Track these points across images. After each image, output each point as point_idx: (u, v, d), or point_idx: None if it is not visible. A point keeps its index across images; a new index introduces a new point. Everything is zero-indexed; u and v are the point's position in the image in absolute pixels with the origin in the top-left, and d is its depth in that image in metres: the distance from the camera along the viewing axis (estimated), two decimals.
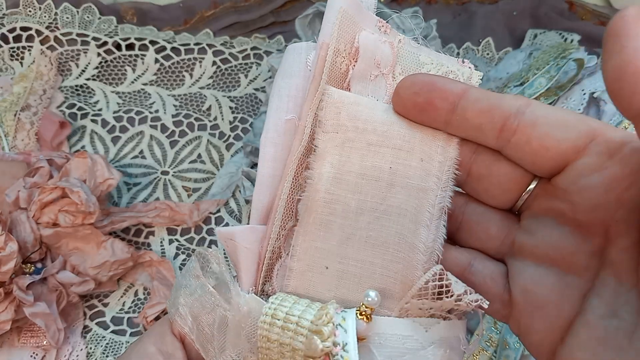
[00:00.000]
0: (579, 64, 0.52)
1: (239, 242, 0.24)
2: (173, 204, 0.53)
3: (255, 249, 0.24)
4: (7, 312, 0.42)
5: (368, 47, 0.25)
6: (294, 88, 0.24)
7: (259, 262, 0.24)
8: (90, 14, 0.60)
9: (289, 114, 0.24)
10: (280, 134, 0.24)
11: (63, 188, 0.45)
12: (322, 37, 0.24)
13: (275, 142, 0.24)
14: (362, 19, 0.25)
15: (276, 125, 0.24)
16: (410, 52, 0.27)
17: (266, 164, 0.25)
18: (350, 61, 0.25)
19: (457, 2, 0.64)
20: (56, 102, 0.57)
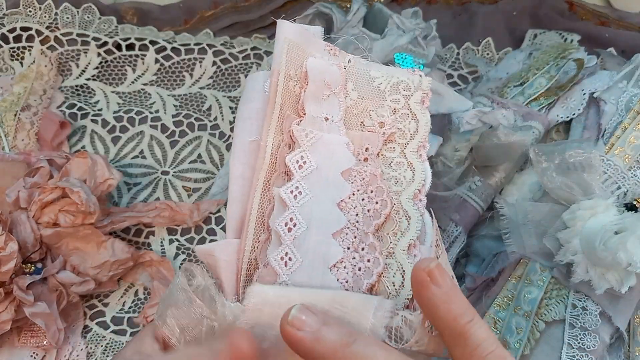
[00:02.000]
0: (578, 64, 0.52)
1: (218, 255, 0.26)
2: (173, 204, 0.53)
3: (234, 261, 0.27)
4: (7, 312, 0.42)
5: (316, 71, 0.27)
6: (254, 111, 0.27)
7: (237, 273, 0.27)
8: (91, 14, 0.60)
9: (252, 135, 0.27)
10: (246, 153, 0.27)
11: (63, 188, 0.45)
12: (273, 65, 0.27)
13: (243, 162, 0.27)
14: (309, 45, 0.28)
15: (242, 146, 0.27)
16: (361, 69, 0.29)
17: (236, 182, 0.27)
18: (302, 84, 0.27)
19: (457, 2, 0.64)
20: (56, 102, 0.57)
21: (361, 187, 0.28)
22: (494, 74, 0.57)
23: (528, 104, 0.52)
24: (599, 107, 0.51)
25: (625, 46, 0.59)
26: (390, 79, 0.29)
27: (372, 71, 0.29)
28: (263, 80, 0.28)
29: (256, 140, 0.27)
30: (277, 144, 0.27)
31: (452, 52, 0.62)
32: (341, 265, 0.27)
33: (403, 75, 0.30)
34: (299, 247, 0.27)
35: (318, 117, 0.28)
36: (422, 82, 0.30)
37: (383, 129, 0.29)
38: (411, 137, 0.30)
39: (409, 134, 0.30)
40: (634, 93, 0.51)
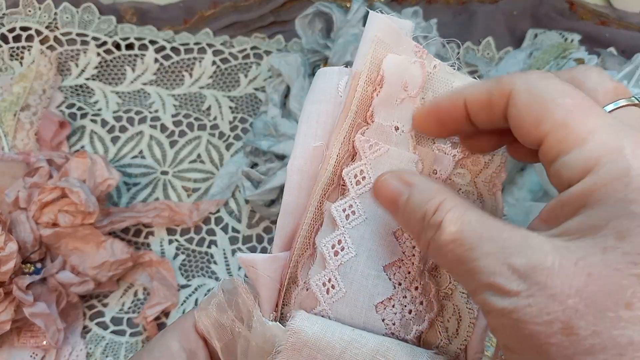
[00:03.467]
0: (579, 64, 0.52)
1: (261, 271, 0.24)
2: (173, 204, 0.53)
3: (277, 277, 0.25)
4: (6, 312, 0.42)
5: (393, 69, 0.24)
6: (323, 114, 0.24)
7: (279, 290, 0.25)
8: (90, 14, 0.59)
9: (317, 140, 0.24)
10: (307, 161, 0.24)
11: (63, 188, 0.44)
12: (355, 65, 0.23)
13: (302, 170, 0.24)
14: (397, 45, 0.24)
15: (304, 152, 0.24)
16: (444, 78, 0.25)
17: (292, 192, 0.24)
18: (376, 88, 0.24)
19: (458, 1, 0.64)
20: (56, 102, 0.57)
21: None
22: (495, 74, 0.56)
23: None
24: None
25: (625, 46, 0.59)
26: None
27: (455, 82, 0.25)
28: (337, 79, 0.24)
29: (320, 147, 0.24)
30: (343, 153, 0.24)
31: (452, 52, 0.61)
32: (389, 304, 0.24)
33: None
34: (344, 276, 0.24)
35: (387, 126, 0.24)
36: None
37: (455, 150, 0.25)
38: (485, 165, 0.26)
39: (483, 161, 0.26)
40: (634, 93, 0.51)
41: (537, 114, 0.20)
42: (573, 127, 0.19)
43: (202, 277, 0.52)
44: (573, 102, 0.19)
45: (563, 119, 0.19)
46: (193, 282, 0.52)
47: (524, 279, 0.18)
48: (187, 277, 0.52)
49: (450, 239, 0.20)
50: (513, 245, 0.18)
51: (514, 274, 0.18)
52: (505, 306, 0.18)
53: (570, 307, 0.17)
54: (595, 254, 0.17)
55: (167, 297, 0.49)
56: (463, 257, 0.19)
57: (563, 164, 0.19)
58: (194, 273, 0.52)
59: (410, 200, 0.22)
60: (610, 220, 0.17)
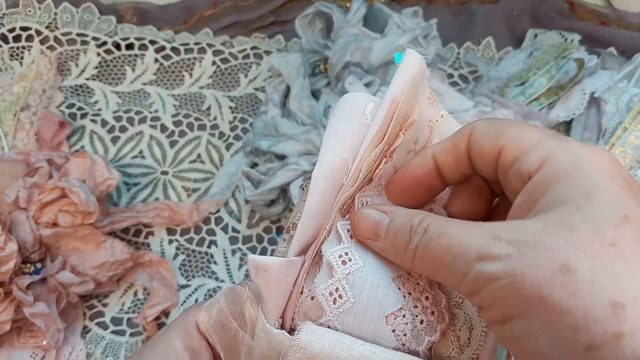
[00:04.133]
0: (579, 64, 0.52)
1: (275, 275, 0.24)
2: (172, 204, 0.53)
3: (290, 282, 0.24)
4: (6, 312, 0.42)
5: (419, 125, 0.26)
6: (350, 132, 0.25)
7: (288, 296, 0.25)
8: (90, 14, 0.59)
9: (344, 153, 0.25)
10: (333, 170, 0.25)
11: (63, 188, 0.44)
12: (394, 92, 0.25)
13: (328, 178, 0.25)
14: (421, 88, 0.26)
15: (331, 163, 0.25)
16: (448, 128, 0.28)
17: (316, 198, 0.25)
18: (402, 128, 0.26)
19: (458, 1, 0.64)
20: (56, 102, 0.57)
21: None
22: (495, 74, 0.56)
23: (529, 103, 0.52)
24: (599, 107, 0.51)
25: (625, 46, 0.59)
26: None
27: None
28: (364, 104, 0.26)
29: (346, 159, 0.25)
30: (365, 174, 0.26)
31: (453, 52, 0.61)
32: (400, 314, 0.24)
33: None
34: (353, 285, 0.24)
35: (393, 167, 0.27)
36: None
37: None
38: None
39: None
40: (634, 93, 0.51)
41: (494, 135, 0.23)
42: (525, 137, 0.23)
43: (202, 277, 0.52)
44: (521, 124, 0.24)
45: (516, 133, 0.23)
46: (193, 282, 0.52)
47: (512, 244, 0.20)
48: (187, 277, 0.52)
49: (437, 234, 0.22)
50: (496, 226, 0.21)
51: (501, 242, 0.20)
52: (499, 268, 0.19)
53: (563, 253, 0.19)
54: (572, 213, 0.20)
55: (167, 297, 0.49)
56: (450, 245, 0.21)
57: (521, 163, 0.22)
58: (194, 273, 0.52)
59: (393, 222, 0.24)
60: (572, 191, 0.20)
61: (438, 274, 0.22)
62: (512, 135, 0.23)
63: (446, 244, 0.21)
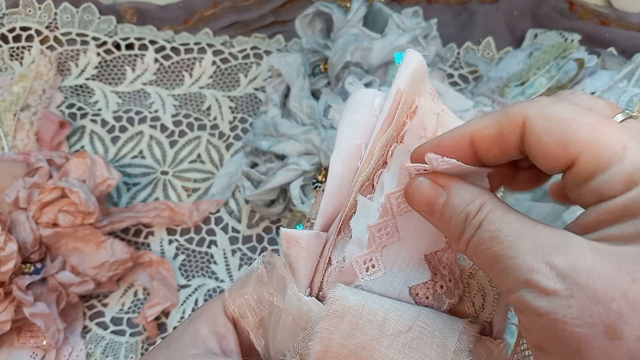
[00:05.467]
0: (579, 64, 0.52)
1: (304, 244, 0.26)
2: (172, 204, 0.53)
3: (317, 253, 0.27)
4: (6, 312, 0.42)
5: (423, 111, 0.28)
6: (362, 121, 0.28)
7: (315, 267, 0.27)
8: (90, 14, 0.59)
9: (357, 140, 0.28)
10: (349, 156, 0.28)
11: (63, 188, 0.44)
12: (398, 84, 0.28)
13: (344, 162, 0.28)
14: (423, 82, 0.29)
15: (346, 148, 0.28)
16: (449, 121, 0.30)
17: (335, 179, 0.27)
18: (409, 115, 0.28)
19: (458, 1, 0.64)
20: (56, 102, 0.57)
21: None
22: (495, 74, 0.56)
23: None
24: None
25: (625, 46, 0.59)
26: None
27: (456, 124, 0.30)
28: (372, 98, 0.28)
29: (360, 145, 0.28)
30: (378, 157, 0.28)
31: (453, 52, 0.61)
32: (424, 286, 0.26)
33: None
34: (386, 257, 0.26)
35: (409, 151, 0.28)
36: None
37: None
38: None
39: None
40: (634, 93, 0.51)
41: (562, 137, 0.20)
42: (605, 143, 0.19)
43: (202, 277, 0.52)
44: (594, 120, 0.20)
45: (592, 137, 0.19)
46: (193, 282, 0.52)
47: (562, 277, 0.18)
48: (187, 277, 0.52)
49: (489, 236, 0.20)
50: (552, 244, 0.18)
51: (552, 272, 0.18)
52: (542, 306, 0.18)
53: (615, 311, 0.17)
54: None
55: (167, 297, 0.49)
56: (501, 255, 0.19)
57: (603, 180, 0.19)
58: (194, 273, 0.52)
59: (449, 202, 0.22)
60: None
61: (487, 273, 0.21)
62: (588, 141, 0.19)
63: (497, 252, 0.20)
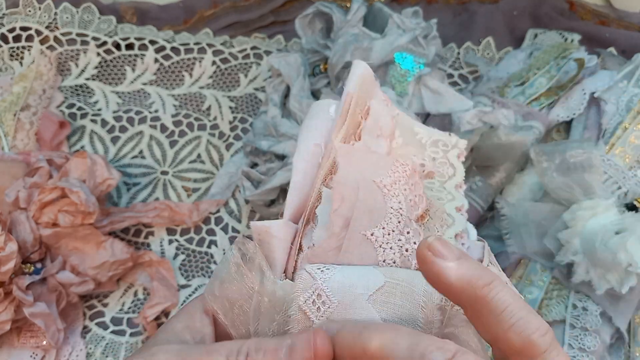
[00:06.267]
0: (579, 64, 0.52)
1: (275, 233, 0.28)
2: (173, 204, 0.53)
3: (288, 240, 0.28)
4: (6, 312, 0.42)
5: (376, 112, 0.30)
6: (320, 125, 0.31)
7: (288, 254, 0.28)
8: (90, 14, 0.59)
9: (316, 141, 0.31)
10: (309, 154, 0.31)
11: (62, 188, 0.44)
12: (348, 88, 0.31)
13: (306, 159, 0.30)
14: (373, 89, 0.32)
15: (307, 148, 0.31)
16: (406, 123, 0.33)
17: (299, 174, 0.30)
18: (363, 115, 0.31)
19: (458, 1, 0.64)
20: (56, 102, 0.57)
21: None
22: (495, 74, 0.56)
23: (529, 103, 0.52)
24: (599, 107, 0.51)
25: (625, 46, 0.59)
26: (430, 136, 0.34)
27: (415, 127, 0.33)
28: (327, 107, 0.32)
29: (319, 144, 0.31)
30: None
31: (453, 52, 0.61)
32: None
33: (441, 135, 0.34)
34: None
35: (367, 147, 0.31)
36: (459, 143, 0.34)
37: (423, 168, 0.32)
38: (449, 177, 0.34)
39: (447, 175, 0.34)
40: (634, 93, 0.51)
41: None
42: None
43: (202, 277, 0.52)
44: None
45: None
46: (193, 282, 0.52)
47: None
48: (187, 277, 0.52)
49: None
50: None
51: None
52: None
53: None
54: None
55: (167, 297, 0.49)
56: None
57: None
58: (194, 273, 0.52)
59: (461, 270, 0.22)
60: None
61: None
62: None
63: None
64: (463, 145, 0.34)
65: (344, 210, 0.27)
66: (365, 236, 0.27)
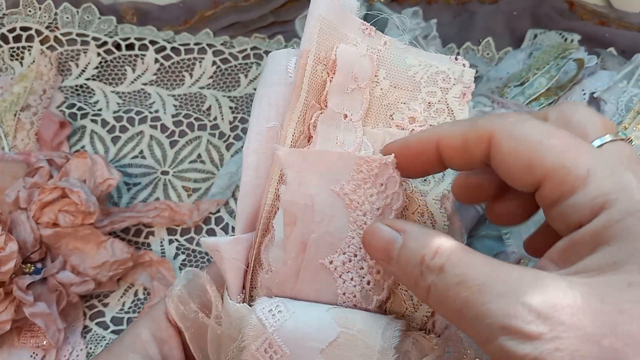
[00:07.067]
0: (579, 64, 0.52)
1: (225, 254, 0.24)
2: (173, 204, 0.53)
3: (242, 259, 0.25)
4: (7, 312, 0.42)
5: (345, 60, 0.24)
6: (274, 96, 0.24)
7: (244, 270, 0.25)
8: (90, 14, 0.60)
9: (270, 121, 0.24)
10: (262, 142, 0.24)
11: (63, 188, 0.45)
12: (302, 44, 0.24)
13: (258, 151, 0.24)
14: (344, 24, 0.25)
15: (258, 134, 0.24)
16: (396, 55, 0.26)
17: (249, 173, 0.25)
18: (329, 72, 0.24)
19: (457, 1, 0.64)
20: (56, 102, 0.57)
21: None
22: (494, 74, 0.57)
23: (528, 103, 0.52)
24: (599, 107, 0.51)
25: (625, 46, 0.59)
26: (428, 69, 0.26)
27: (408, 58, 0.26)
28: (286, 61, 0.25)
29: (275, 127, 0.24)
30: (298, 135, 0.24)
31: (452, 52, 0.62)
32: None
33: (443, 64, 0.26)
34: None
35: (338, 113, 0.25)
36: (465, 74, 0.26)
37: (413, 125, 0.26)
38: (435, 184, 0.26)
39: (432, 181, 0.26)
40: (634, 93, 0.51)
41: (527, 160, 0.19)
42: (570, 167, 0.19)
43: None
44: (562, 142, 0.19)
45: (557, 161, 0.19)
46: None
47: (544, 319, 0.17)
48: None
49: (455, 282, 0.18)
50: (526, 284, 0.17)
51: (531, 314, 0.17)
52: (529, 352, 0.16)
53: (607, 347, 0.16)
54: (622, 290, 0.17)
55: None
56: (471, 301, 0.18)
57: (568, 206, 0.19)
58: None
59: (405, 246, 0.21)
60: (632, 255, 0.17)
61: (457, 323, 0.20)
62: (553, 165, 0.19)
63: (466, 298, 0.18)
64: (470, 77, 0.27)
65: (298, 234, 0.24)
66: (323, 265, 0.24)
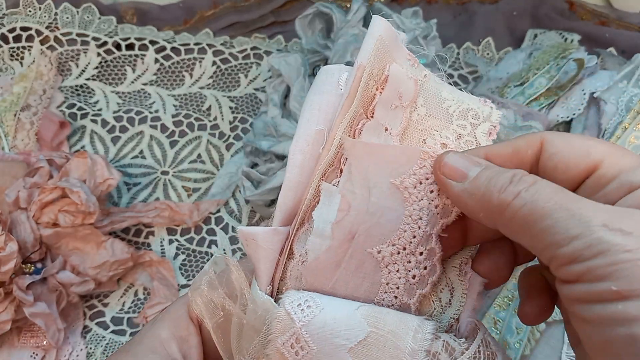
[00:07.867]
0: (579, 64, 0.52)
1: (261, 243, 0.25)
2: (173, 204, 0.53)
3: (276, 250, 0.26)
4: (7, 312, 0.42)
5: (396, 78, 0.26)
6: (325, 103, 0.26)
7: (277, 262, 0.26)
8: (90, 14, 0.60)
9: (319, 125, 0.26)
10: (309, 143, 0.26)
11: (63, 188, 0.45)
12: (360, 59, 0.26)
13: (304, 151, 0.26)
14: (395, 50, 0.27)
15: (306, 135, 0.26)
16: (433, 88, 0.28)
17: (294, 170, 0.26)
18: (378, 87, 0.26)
19: (457, 1, 0.64)
20: (56, 102, 0.57)
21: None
22: (494, 74, 0.57)
23: (528, 103, 0.52)
24: (599, 107, 0.51)
25: (625, 46, 0.59)
26: (460, 105, 0.28)
27: (443, 92, 0.28)
28: (338, 74, 0.27)
29: (322, 130, 0.26)
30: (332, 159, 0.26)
31: (452, 52, 0.62)
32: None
33: (473, 103, 0.28)
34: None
35: (381, 124, 0.26)
36: (492, 115, 0.28)
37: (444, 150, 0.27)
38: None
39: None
40: (634, 93, 0.51)
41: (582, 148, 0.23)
42: (623, 152, 0.22)
43: None
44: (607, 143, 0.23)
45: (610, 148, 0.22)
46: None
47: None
48: (187, 277, 0.52)
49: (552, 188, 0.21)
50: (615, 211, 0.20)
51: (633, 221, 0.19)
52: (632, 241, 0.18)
53: None
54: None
55: (167, 297, 0.49)
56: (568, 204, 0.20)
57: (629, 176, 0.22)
58: (194, 273, 0.52)
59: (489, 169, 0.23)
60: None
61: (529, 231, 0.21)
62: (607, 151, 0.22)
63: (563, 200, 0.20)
64: (497, 118, 0.28)
65: (348, 222, 0.24)
66: (370, 254, 0.25)
